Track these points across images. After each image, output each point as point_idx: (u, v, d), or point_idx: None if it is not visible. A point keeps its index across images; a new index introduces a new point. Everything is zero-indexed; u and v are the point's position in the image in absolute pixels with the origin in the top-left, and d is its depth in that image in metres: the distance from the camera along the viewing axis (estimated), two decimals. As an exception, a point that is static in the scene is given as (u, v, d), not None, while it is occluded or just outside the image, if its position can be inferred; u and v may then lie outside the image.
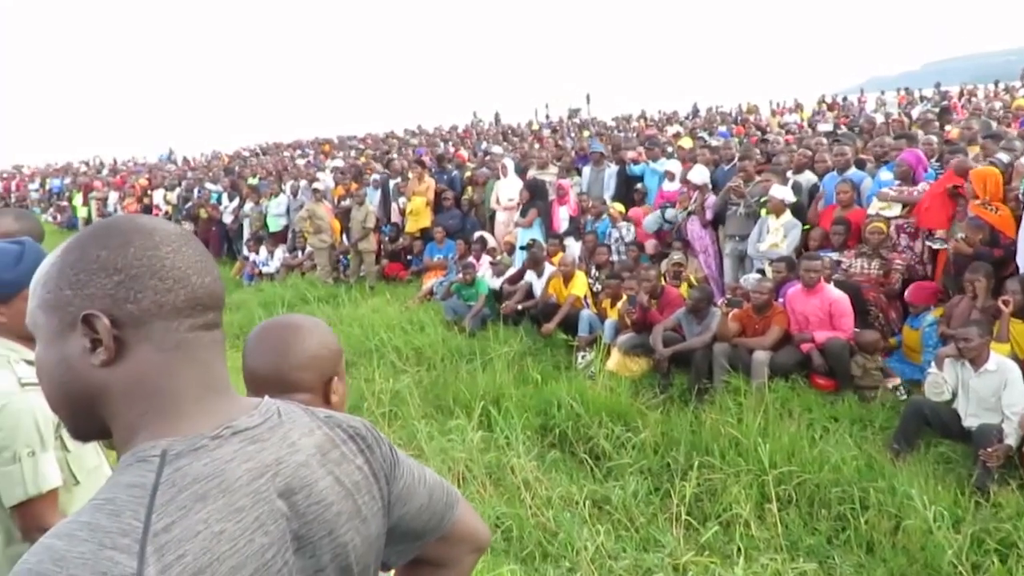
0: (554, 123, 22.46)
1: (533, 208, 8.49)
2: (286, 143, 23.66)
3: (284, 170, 13.78)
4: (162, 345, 0.82)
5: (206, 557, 0.74)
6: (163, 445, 0.78)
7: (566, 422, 4.95)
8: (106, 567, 0.68)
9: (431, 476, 1.08)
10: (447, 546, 1.10)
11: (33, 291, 0.85)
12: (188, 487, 0.76)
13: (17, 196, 22.67)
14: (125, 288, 0.80)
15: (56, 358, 0.83)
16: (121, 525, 0.71)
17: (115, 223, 0.85)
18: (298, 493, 0.85)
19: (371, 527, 0.94)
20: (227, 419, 0.84)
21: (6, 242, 1.83)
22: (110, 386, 0.81)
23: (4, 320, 1.80)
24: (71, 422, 0.86)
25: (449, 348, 6.71)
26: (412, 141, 17.11)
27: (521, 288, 7.46)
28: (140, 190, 15.65)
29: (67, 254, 0.83)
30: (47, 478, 1.75)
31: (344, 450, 0.94)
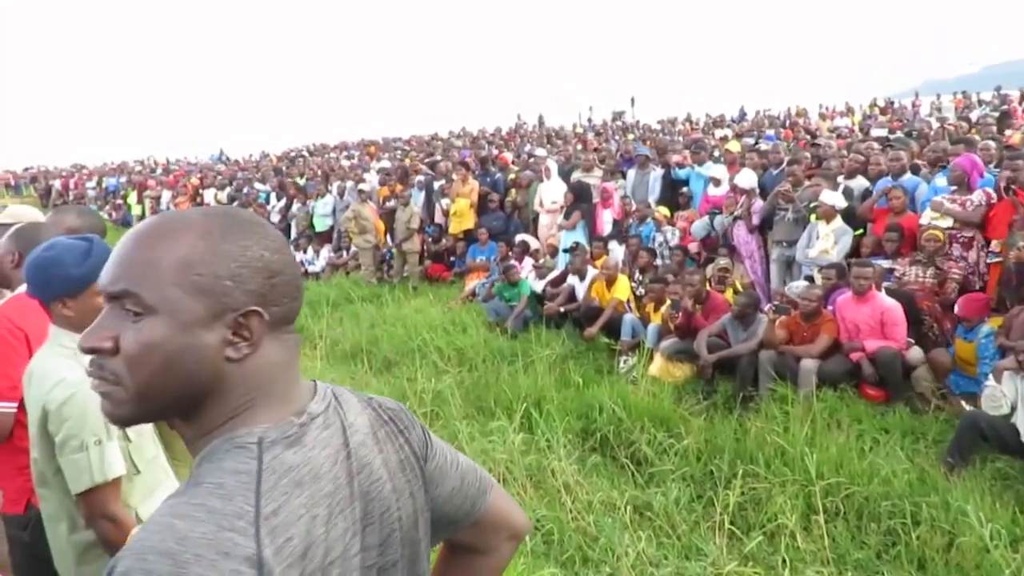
0: (598, 126, 22.38)
1: (577, 211, 8.47)
2: (332, 144, 24.06)
3: (331, 171, 13.99)
4: (280, 344, 0.86)
5: (307, 539, 0.78)
6: (258, 433, 0.81)
7: (608, 426, 4.92)
8: (228, 547, 0.71)
9: (464, 460, 1.10)
10: (483, 532, 1.12)
11: (157, 261, 0.80)
12: (286, 474, 0.80)
13: (76, 194, 23.48)
14: (276, 292, 0.84)
15: (187, 344, 0.79)
16: (235, 508, 0.74)
17: (263, 223, 0.88)
18: (362, 473, 0.89)
19: (417, 503, 0.98)
20: (303, 405, 0.88)
21: (74, 238, 1.90)
22: (228, 377, 0.82)
23: (71, 314, 1.86)
24: (151, 408, 0.83)
25: (491, 349, 6.73)
26: (456, 143, 17.22)
27: (564, 291, 7.45)
28: (192, 189, 16.07)
29: (223, 243, 0.82)
30: (112, 466, 1.81)
31: (387, 429, 0.98)
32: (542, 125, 23.61)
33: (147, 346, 0.79)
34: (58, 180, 26.80)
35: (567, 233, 8.50)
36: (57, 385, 1.78)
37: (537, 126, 23.33)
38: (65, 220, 2.77)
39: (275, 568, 0.73)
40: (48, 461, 1.84)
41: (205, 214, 0.85)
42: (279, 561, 0.74)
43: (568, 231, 8.49)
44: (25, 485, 2.07)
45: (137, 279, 0.79)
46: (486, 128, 21.88)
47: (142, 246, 0.81)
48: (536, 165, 10.25)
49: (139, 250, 0.81)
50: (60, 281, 1.83)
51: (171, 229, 0.82)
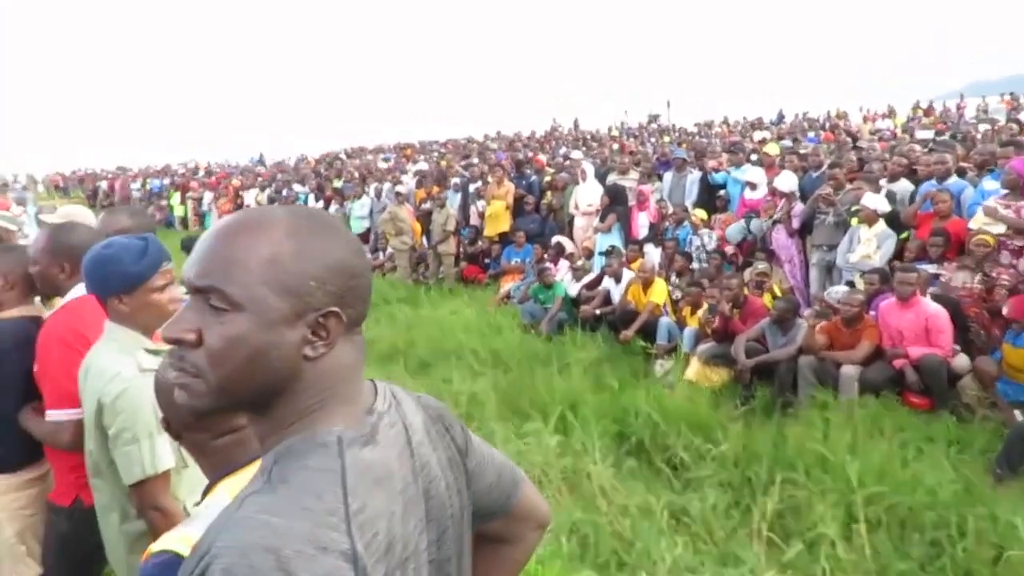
0: (633, 129, 22.28)
1: (612, 213, 8.43)
2: (370, 147, 24.31)
3: (368, 173, 14.15)
4: (352, 346, 0.88)
5: (390, 535, 0.81)
6: (336, 432, 0.83)
7: (643, 430, 4.89)
8: (325, 543, 0.73)
9: (498, 455, 1.13)
10: (513, 523, 1.14)
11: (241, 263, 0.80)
12: (366, 472, 0.82)
13: (121, 195, 24.08)
14: (353, 294, 0.86)
15: (270, 341, 0.81)
16: (327, 506, 0.76)
17: (343, 227, 0.90)
18: (423, 472, 0.92)
19: (463, 499, 1.00)
20: (369, 404, 0.90)
21: (131, 238, 1.96)
22: (304, 375, 0.84)
23: (127, 310, 1.92)
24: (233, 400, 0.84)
25: (526, 352, 6.74)
26: (492, 146, 17.29)
27: (599, 294, 7.43)
28: (233, 191, 16.37)
29: (310, 244, 0.83)
30: (162, 459, 1.86)
31: (436, 428, 1.01)
32: (577, 128, 23.57)
33: (232, 341, 0.79)
34: (104, 182, 27.53)
35: (603, 236, 8.48)
36: (112, 380, 1.84)
37: (572, 129, 23.31)
38: (118, 221, 2.85)
39: (367, 563, 0.75)
40: (102, 453, 1.90)
41: (290, 212, 0.86)
42: (369, 556, 0.76)
43: (604, 234, 8.47)
44: (76, 481, 2.14)
45: (224, 275, 0.80)
46: (521, 131, 21.92)
47: (229, 242, 0.82)
48: (572, 168, 10.25)
49: (226, 246, 0.82)
50: (118, 278, 1.89)
51: (258, 226, 0.83)
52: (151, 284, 1.92)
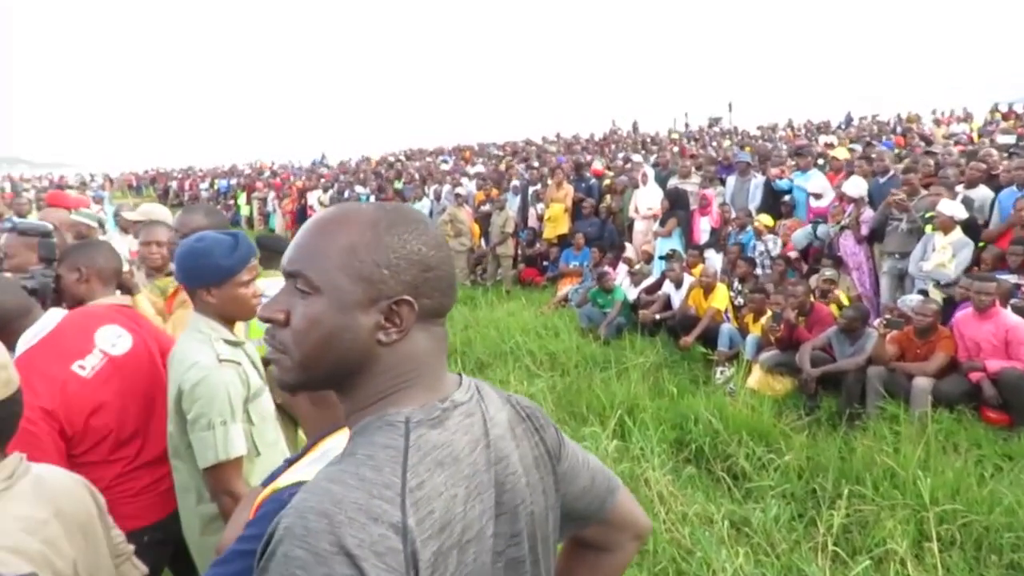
0: (694, 132, 21.96)
1: (673, 217, 8.34)
2: (429, 149, 24.61)
3: (429, 175, 14.32)
4: (429, 335, 0.91)
5: (447, 516, 0.82)
6: (406, 413, 0.87)
7: (703, 438, 4.82)
8: (377, 513, 0.77)
9: (594, 461, 1.13)
10: (610, 531, 1.15)
11: (326, 249, 0.87)
12: (430, 452, 0.84)
13: (190, 194, 24.98)
14: (428, 285, 0.89)
15: (344, 324, 0.86)
16: (384, 479, 0.80)
17: (425, 221, 0.93)
18: (499, 463, 0.92)
19: (549, 501, 1.01)
20: (447, 393, 0.92)
21: (221, 233, 2.04)
22: (379, 359, 0.89)
23: (214, 301, 2.01)
24: (312, 377, 0.89)
25: (583, 355, 6.71)
26: (551, 148, 17.28)
27: (659, 298, 7.35)
28: (296, 191, 16.77)
29: (386, 235, 0.88)
30: (235, 446, 1.93)
31: (525, 426, 1.02)
32: (636, 131, 23.38)
33: (310, 321, 0.87)
34: (175, 181, 28.62)
35: (663, 240, 8.39)
36: (192, 367, 1.92)
37: (632, 132, 23.12)
38: (193, 219, 2.96)
39: (417, 537, 0.78)
40: (181, 436, 1.98)
41: (376, 207, 0.92)
42: (421, 531, 0.78)
43: (664, 238, 8.37)
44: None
45: (308, 261, 0.87)
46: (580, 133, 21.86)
47: (317, 232, 0.89)
48: (631, 171, 10.17)
49: (314, 236, 0.89)
50: (209, 271, 1.98)
51: (344, 218, 0.89)
52: (239, 278, 2.01)
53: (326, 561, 0.73)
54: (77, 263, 2.47)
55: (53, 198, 6.39)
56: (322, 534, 0.74)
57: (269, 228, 17.11)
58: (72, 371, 2.07)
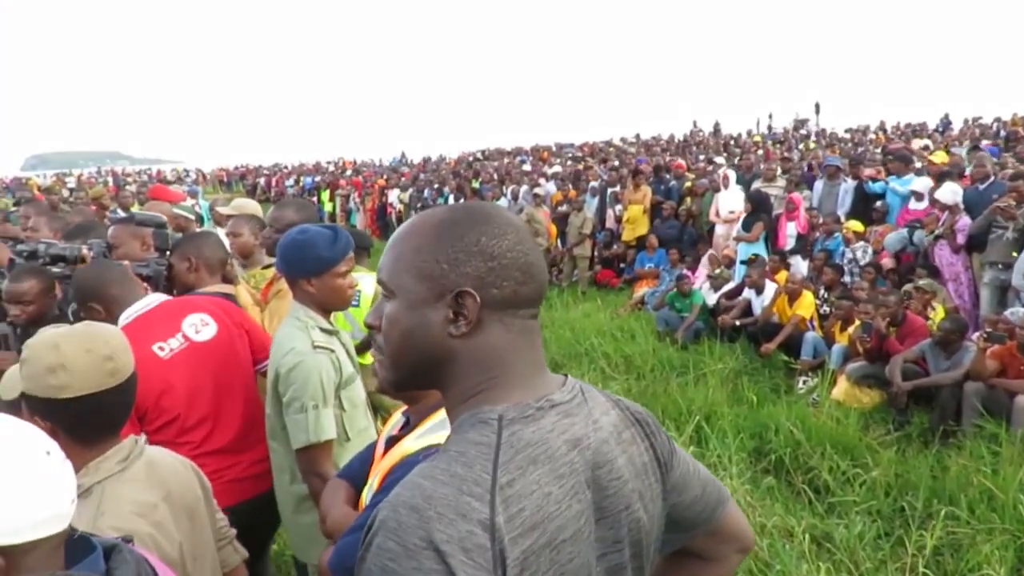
0: (779, 134, 21.33)
1: (758, 222, 8.12)
2: (507, 149, 24.77)
3: (507, 175, 14.41)
4: (509, 327, 0.91)
5: (539, 514, 0.82)
6: (499, 411, 0.87)
7: (784, 448, 4.68)
8: (465, 510, 0.78)
9: (703, 471, 1.10)
10: (715, 541, 1.12)
11: (399, 254, 0.92)
12: (522, 450, 0.84)
13: (276, 191, 25.93)
14: (494, 274, 0.89)
15: (416, 321, 0.90)
16: (474, 475, 0.81)
17: (491, 213, 0.93)
18: (602, 467, 0.91)
19: (655, 509, 0.99)
20: (545, 392, 0.91)
21: (322, 226, 2.13)
22: (457, 354, 0.90)
23: (313, 291, 2.09)
24: (403, 375, 0.94)
25: (660, 359, 6.62)
26: (630, 150, 17.12)
27: (739, 304, 7.18)
28: (378, 189, 17.18)
29: (444, 231, 0.90)
30: (325, 430, 2.01)
31: (633, 432, 0.99)
32: (717, 133, 22.90)
33: (390, 322, 0.92)
34: (263, 178, 29.76)
35: (745, 245, 8.18)
36: (288, 353, 2.00)
37: (712, 133, 22.66)
38: (286, 215, 3.08)
39: (506, 535, 0.78)
40: (277, 418, 2.07)
41: (446, 209, 0.94)
42: (510, 529, 0.78)
43: (747, 243, 8.16)
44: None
45: (386, 268, 0.93)
46: (660, 135, 21.58)
47: (393, 242, 0.95)
48: (713, 173, 9.97)
49: (392, 246, 0.95)
50: (311, 261, 2.06)
51: (414, 224, 0.94)
52: (337, 269, 2.09)
53: (415, 555, 0.75)
54: (188, 253, 2.60)
55: (156, 192, 6.76)
56: (412, 529, 0.76)
57: (351, 224, 17.58)
58: (151, 351, 2.17)
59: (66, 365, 1.29)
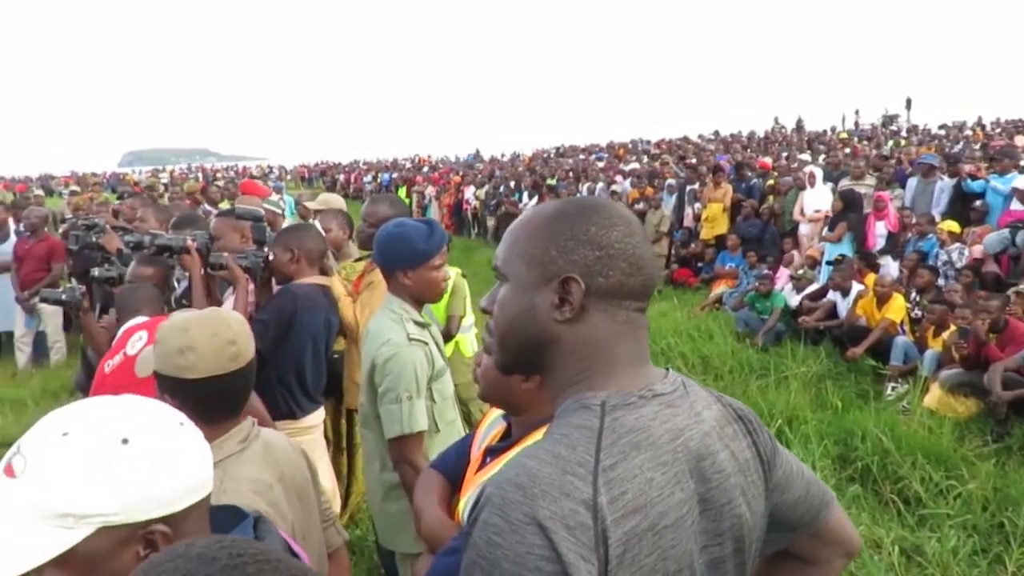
0: (867, 130, 20.50)
1: (844, 221, 7.83)
2: (582, 146, 24.67)
3: (583, 172, 14.36)
4: (614, 317, 0.93)
5: (642, 498, 0.83)
6: (602, 397, 0.89)
7: (871, 456, 4.51)
8: (568, 489, 0.80)
9: (808, 472, 1.09)
10: (819, 544, 1.10)
11: (513, 241, 0.97)
12: (624, 435, 0.86)
13: (355, 187, 26.60)
14: (601, 263, 0.91)
15: (525, 304, 0.94)
16: (577, 457, 0.83)
17: (604, 206, 0.96)
18: (705, 459, 0.91)
19: (757, 506, 0.98)
20: (648, 383, 0.92)
21: (417, 220, 2.19)
22: (562, 339, 0.93)
23: (409, 284, 2.16)
24: (510, 357, 0.99)
25: (739, 360, 6.48)
26: (708, 147, 16.79)
27: (823, 306, 6.95)
28: (454, 185, 17.40)
29: (557, 220, 0.94)
30: (418, 421, 2.06)
31: (735, 427, 0.99)
32: (801, 130, 22.18)
33: (500, 305, 0.97)
34: (342, 174, 30.58)
35: (831, 245, 7.90)
36: (384, 344, 2.07)
37: (795, 130, 21.96)
38: (380, 209, 3.16)
39: (608, 516, 0.79)
40: (371, 407, 2.14)
41: (564, 201, 0.99)
42: (612, 511, 0.80)
43: (833, 243, 7.88)
44: None
45: (501, 255, 0.98)
46: (740, 131, 21.06)
47: (513, 228, 1.00)
48: (797, 171, 9.67)
49: (510, 232, 0.99)
50: (407, 254, 2.13)
51: (534, 214, 0.98)
52: (432, 262, 2.15)
53: (519, 530, 0.77)
54: (290, 245, 2.71)
55: (246, 187, 7.05)
56: (516, 505, 0.79)
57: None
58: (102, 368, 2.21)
59: (193, 347, 1.37)
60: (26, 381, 6.83)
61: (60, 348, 7.24)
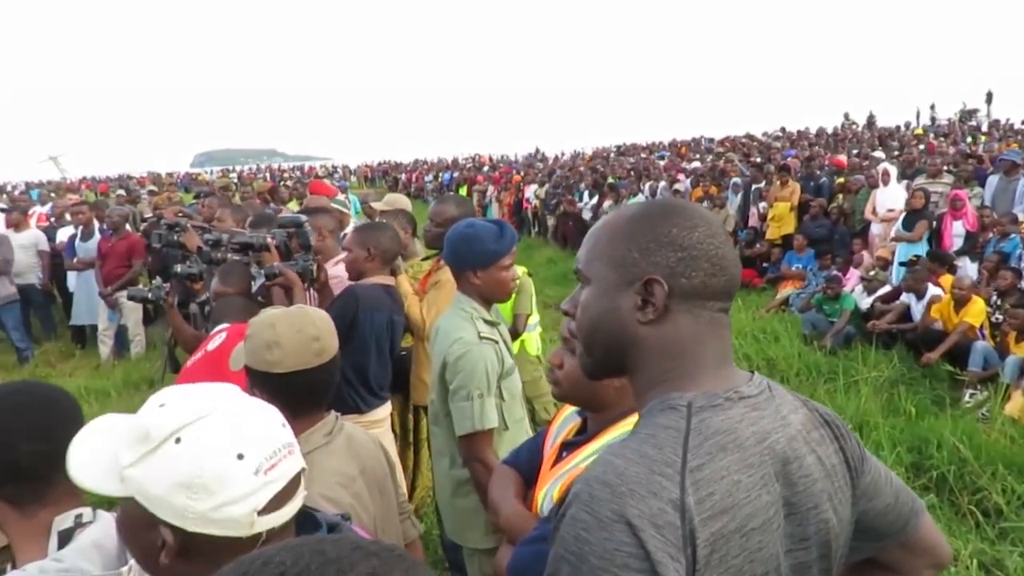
0: (943, 126, 19.66)
1: (921, 221, 7.54)
2: (643, 144, 24.41)
3: (644, 171, 14.22)
4: (698, 318, 0.93)
5: (728, 500, 0.83)
6: (688, 397, 0.89)
7: (947, 465, 4.35)
8: (656, 488, 0.81)
9: (897, 480, 1.07)
10: (907, 554, 1.08)
11: (595, 244, 0.98)
12: (711, 437, 0.86)
13: (416, 186, 26.95)
14: (684, 264, 0.92)
15: (607, 306, 0.95)
16: (664, 457, 0.83)
17: (685, 207, 0.97)
18: (792, 463, 0.90)
19: (844, 512, 0.97)
20: (733, 385, 0.92)
21: (488, 221, 2.22)
22: (645, 341, 0.93)
23: (479, 283, 2.19)
24: (594, 359, 0.99)
25: (805, 363, 6.32)
26: (775, 144, 16.39)
27: (896, 308, 6.72)
28: (515, 184, 17.45)
29: (638, 222, 0.95)
30: (489, 418, 2.09)
31: (822, 432, 0.98)
32: (872, 126, 21.43)
33: (583, 308, 0.98)
34: (403, 174, 31.03)
35: (905, 246, 7.62)
36: (456, 342, 2.10)
37: (866, 126, 21.24)
38: (447, 209, 3.21)
39: (696, 516, 0.80)
40: (441, 404, 2.18)
41: (645, 203, 1.00)
42: (700, 511, 0.80)
43: (907, 243, 7.61)
44: None
45: (583, 258, 0.99)
46: (808, 128, 20.48)
47: (594, 231, 1.00)
48: (868, 169, 9.36)
49: (591, 234, 1.00)
50: (477, 254, 2.16)
51: (615, 216, 0.99)
52: (502, 262, 2.18)
53: (607, 527, 0.78)
54: (367, 243, 2.78)
55: (315, 187, 7.24)
56: (605, 502, 0.80)
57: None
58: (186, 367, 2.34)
59: (280, 342, 1.43)
60: (108, 373, 7.18)
61: (140, 341, 7.59)
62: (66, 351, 8.08)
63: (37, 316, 8.23)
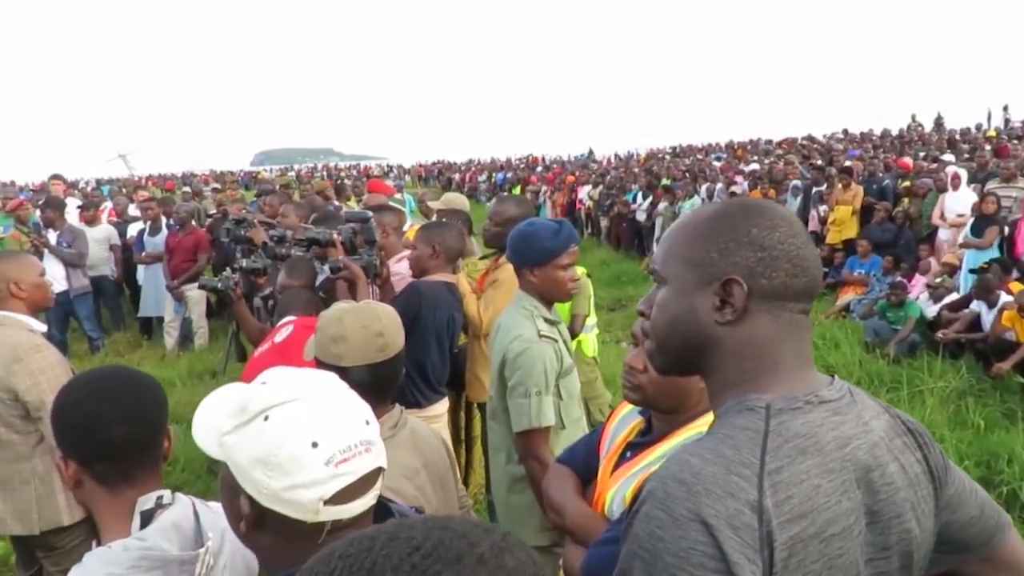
0: (1017, 128, 18.84)
1: (993, 226, 7.25)
2: (699, 145, 24.07)
3: (700, 172, 14.02)
4: (778, 319, 0.92)
5: (808, 504, 0.82)
6: (767, 400, 0.88)
7: (1018, 481, 4.19)
8: (733, 489, 0.80)
9: (982, 492, 1.04)
10: (992, 570, 1.05)
11: (672, 244, 0.97)
12: (790, 440, 0.85)
13: (469, 186, 27.13)
14: (764, 265, 0.91)
15: (684, 306, 0.94)
16: (742, 458, 0.83)
17: (765, 206, 0.96)
18: (874, 471, 0.89)
19: (927, 523, 0.94)
20: (813, 388, 0.91)
21: (548, 220, 2.24)
22: (722, 341, 0.93)
23: (535, 281, 2.20)
24: (669, 358, 0.98)
25: (867, 372, 6.16)
26: (837, 146, 15.96)
27: (964, 317, 6.46)
28: (568, 185, 17.42)
29: (717, 222, 0.94)
30: (546, 416, 2.10)
31: (905, 440, 0.96)
32: (940, 127, 20.68)
33: (659, 308, 0.97)
34: (457, 174, 31.28)
35: (975, 252, 7.33)
36: (515, 339, 2.12)
37: (934, 128, 20.50)
38: (507, 208, 3.24)
39: (774, 519, 0.78)
40: (500, 400, 2.20)
41: (724, 202, 0.99)
42: (778, 514, 0.79)
43: (977, 250, 7.32)
44: None
45: (659, 257, 0.99)
46: (872, 129, 19.88)
47: (671, 231, 1.00)
48: (936, 172, 9.03)
49: (668, 234, 1.00)
50: (536, 251, 2.18)
51: (693, 216, 0.98)
52: (559, 261, 2.18)
53: (682, 525, 0.78)
54: (433, 240, 2.82)
55: (374, 186, 7.37)
56: (680, 500, 0.79)
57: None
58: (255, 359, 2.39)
59: (345, 337, 1.47)
60: (173, 363, 7.44)
61: (203, 333, 7.84)
62: (134, 341, 8.40)
63: (107, 307, 8.57)
